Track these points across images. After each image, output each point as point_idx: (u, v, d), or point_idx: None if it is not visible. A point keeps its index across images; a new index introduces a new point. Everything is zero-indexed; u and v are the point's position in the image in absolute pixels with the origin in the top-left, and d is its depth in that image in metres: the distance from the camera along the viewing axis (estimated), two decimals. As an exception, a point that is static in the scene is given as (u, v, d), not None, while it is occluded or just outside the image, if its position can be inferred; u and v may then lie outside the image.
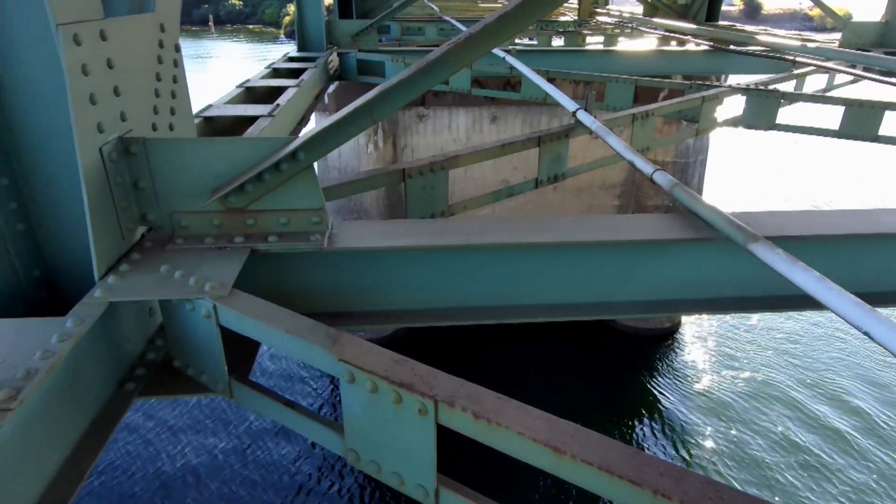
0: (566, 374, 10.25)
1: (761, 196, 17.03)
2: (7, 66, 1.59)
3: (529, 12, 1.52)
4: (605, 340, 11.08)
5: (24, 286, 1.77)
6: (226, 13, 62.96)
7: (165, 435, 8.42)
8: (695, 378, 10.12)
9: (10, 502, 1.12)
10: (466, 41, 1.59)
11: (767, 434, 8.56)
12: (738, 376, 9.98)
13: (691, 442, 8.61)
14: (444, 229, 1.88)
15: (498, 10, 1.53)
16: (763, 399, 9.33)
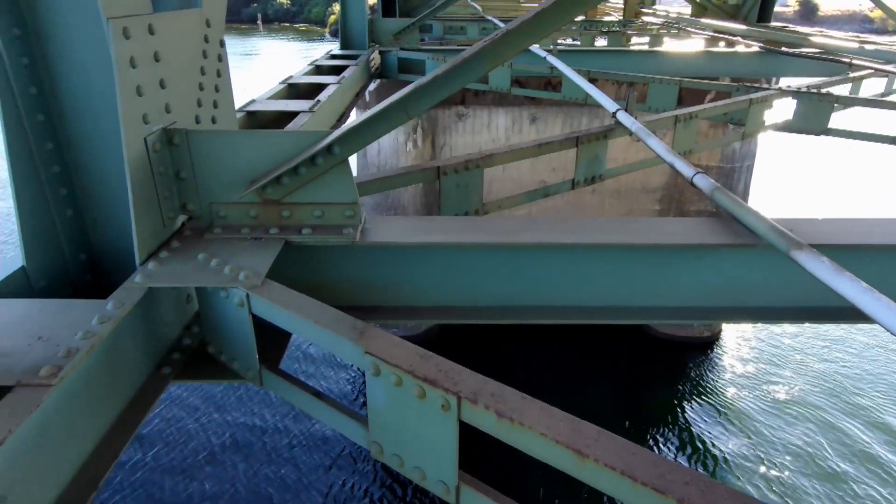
0: (597, 378, 10.09)
1: (811, 204, 16.39)
2: (61, 59, 1.66)
3: (566, 10, 1.50)
4: (641, 346, 10.85)
5: (71, 269, 1.85)
6: (274, 12, 64.40)
7: (190, 413, 8.69)
8: (733, 391, 9.81)
9: (48, 475, 1.17)
10: (503, 38, 1.58)
11: (808, 458, 8.21)
12: (780, 392, 9.62)
13: (723, 458, 8.34)
14: (476, 227, 1.88)
15: (535, 8, 1.51)
16: (805, 419, 8.95)
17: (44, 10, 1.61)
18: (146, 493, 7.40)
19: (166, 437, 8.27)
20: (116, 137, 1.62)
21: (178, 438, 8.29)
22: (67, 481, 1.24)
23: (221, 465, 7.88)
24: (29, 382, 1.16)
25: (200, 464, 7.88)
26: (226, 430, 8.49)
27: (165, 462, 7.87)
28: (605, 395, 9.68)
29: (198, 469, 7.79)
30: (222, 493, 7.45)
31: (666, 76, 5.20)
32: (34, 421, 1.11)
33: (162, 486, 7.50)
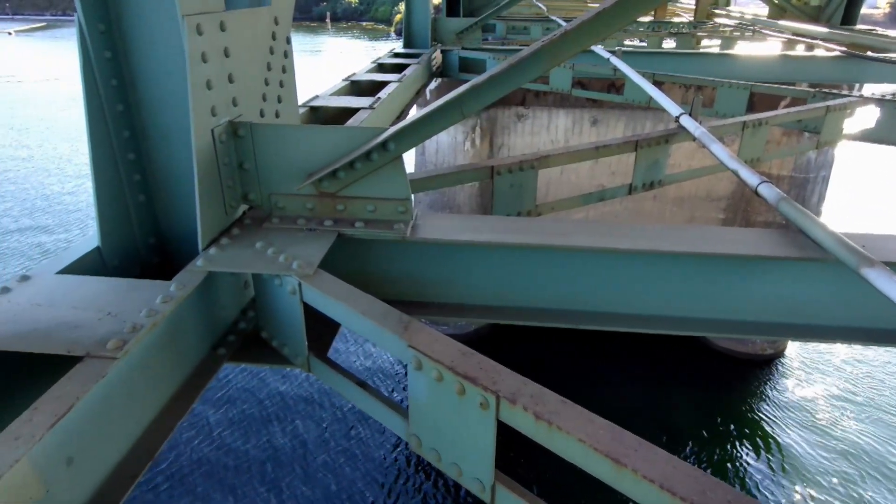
0: (646, 388, 9.78)
1: (891, 220, 15.30)
2: (140, 53, 1.77)
3: (628, 11, 1.47)
4: (697, 359, 10.45)
5: (140, 251, 1.97)
6: (342, 10, 65.95)
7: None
8: (795, 413, 9.27)
9: (109, 442, 1.26)
10: (562, 38, 1.57)
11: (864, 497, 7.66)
12: (847, 420, 9.02)
13: (772, 483, 7.91)
14: (527, 228, 1.87)
15: (596, 8, 1.49)
16: (868, 454, 8.34)
17: (127, 7, 1.72)
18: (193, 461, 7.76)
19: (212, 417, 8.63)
20: (186, 128, 1.72)
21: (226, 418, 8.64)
22: (127, 449, 1.32)
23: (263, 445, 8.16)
24: (97, 354, 1.24)
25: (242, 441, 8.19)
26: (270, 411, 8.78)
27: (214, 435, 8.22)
28: (653, 406, 9.38)
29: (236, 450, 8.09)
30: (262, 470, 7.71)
31: (736, 80, 4.99)
32: (100, 390, 1.19)
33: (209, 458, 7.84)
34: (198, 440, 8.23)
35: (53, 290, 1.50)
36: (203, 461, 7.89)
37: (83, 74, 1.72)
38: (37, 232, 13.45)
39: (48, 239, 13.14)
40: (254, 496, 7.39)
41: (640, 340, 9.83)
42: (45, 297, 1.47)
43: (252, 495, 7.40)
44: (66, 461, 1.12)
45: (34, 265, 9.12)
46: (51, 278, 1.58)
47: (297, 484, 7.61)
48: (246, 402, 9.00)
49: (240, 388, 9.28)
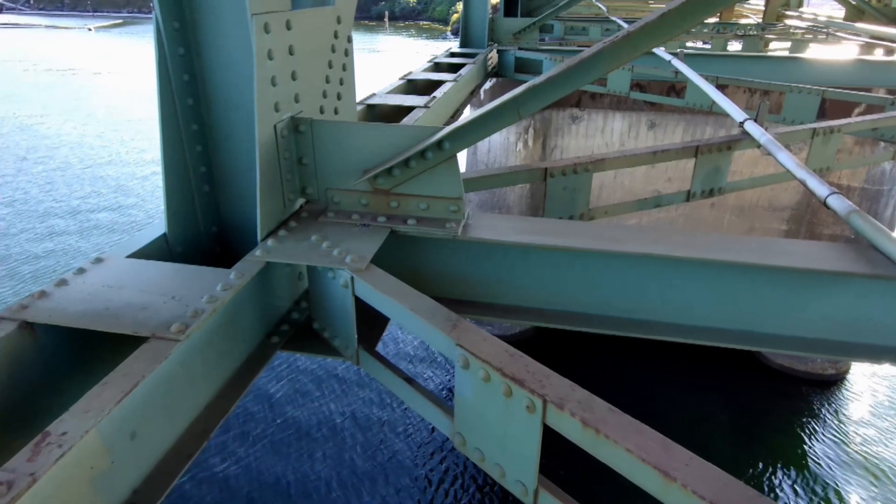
0: (696, 402, 9.45)
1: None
2: (210, 50, 1.85)
3: (694, 13, 1.43)
4: (751, 375, 10.03)
5: (203, 240, 2.06)
6: (400, 9, 66.73)
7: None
8: (857, 439, 8.76)
9: (169, 420, 1.32)
10: (623, 40, 1.54)
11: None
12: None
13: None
14: (580, 231, 1.84)
15: (660, 9, 1.45)
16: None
17: (200, 6, 1.80)
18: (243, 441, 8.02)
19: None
20: (250, 123, 1.78)
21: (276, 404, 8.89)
22: (184, 427, 1.39)
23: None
24: (161, 336, 1.31)
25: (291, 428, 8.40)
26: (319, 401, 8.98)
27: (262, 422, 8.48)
28: (703, 420, 9.06)
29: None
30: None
31: (807, 85, 4.76)
32: (162, 370, 1.26)
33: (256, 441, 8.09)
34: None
35: (123, 273, 1.59)
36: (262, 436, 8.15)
37: (158, 69, 1.82)
38: (112, 215, 14.21)
39: (123, 222, 13.87)
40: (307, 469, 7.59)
41: (692, 352, 9.51)
42: (116, 279, 1.56)
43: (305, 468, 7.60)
44: (130, 435, 1.18)
45: (109, 246, 9.60)
46: (121, 261, 1.67)
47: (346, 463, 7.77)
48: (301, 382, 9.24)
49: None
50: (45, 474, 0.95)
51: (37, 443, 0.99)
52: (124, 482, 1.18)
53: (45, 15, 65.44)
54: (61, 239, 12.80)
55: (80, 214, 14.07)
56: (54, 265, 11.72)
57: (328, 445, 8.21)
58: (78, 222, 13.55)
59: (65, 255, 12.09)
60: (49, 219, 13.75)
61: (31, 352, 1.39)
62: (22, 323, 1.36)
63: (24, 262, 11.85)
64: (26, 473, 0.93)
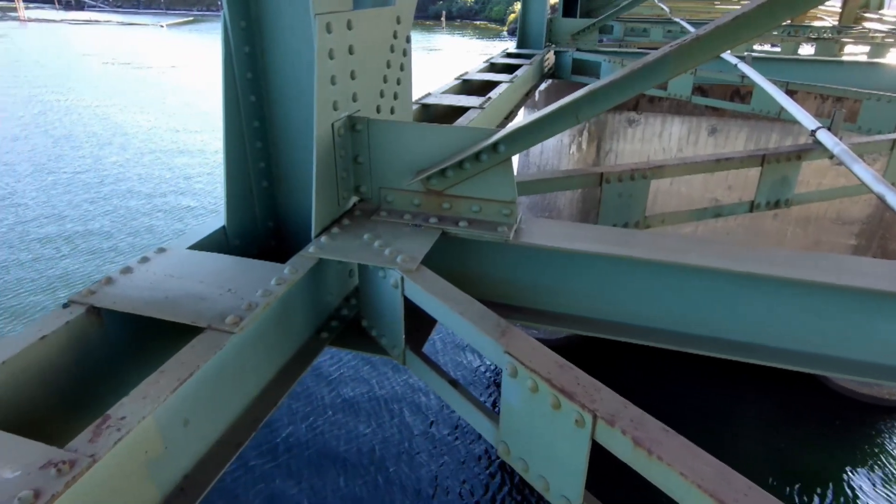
0: (752, 424, 9.03)
1: None
2: (274, 49, 1.89)
3: (770, 16, 1.35)
4: (810, 397, 9.51)
5: (260, 233, 2.11)
6: (457, 9, 66.89)
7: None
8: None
9: (220, 409, 1.36)
10: (691, 44, 1.48)
11: None
12: None
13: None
14: (635, 240, 1.79)
15: (733, 12, 1.38)
16: None
17: (266, 6, 1.85)
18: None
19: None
20: (309, 121, 1.81)
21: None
22: (234, 417, 1.42)
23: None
24: (217, 327, 1.34)
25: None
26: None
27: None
28: (758, 444, 8.64)
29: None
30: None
31: (887, 92, 4.47)
32: (217, 360, 1.29)
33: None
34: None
35: (184, 264, 1.65)
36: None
37: (224, 67, 1.87)
38: (180, 204, 14.85)
39: (188, 211, 14.49)
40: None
41: (749, 371, 9.12)
42: (177, 269, 1.62)
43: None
44: (184, 422, 1.22)
45: (174, 233, 10.02)
46: (182, 252, 1.73)
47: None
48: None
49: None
50: (105, 456, 0.98)
51: (98, 425, 1.03)
52: (176, 467, 1.22)
53: (123, 12, 69.10)
54: (133, 223, 13.47)
55: (154, 199, 14.77)
56: (125, 247, 12.35)
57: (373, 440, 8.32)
58: (148, 210, 14.22)
59: (135, 239, 12.73)
60: (124, 203, 14.51)
61: (97, 335, 1.46)
62: (89, 307, 1.43)
63: (101, 240, 12.56)
64: (87, 454, 0.97)
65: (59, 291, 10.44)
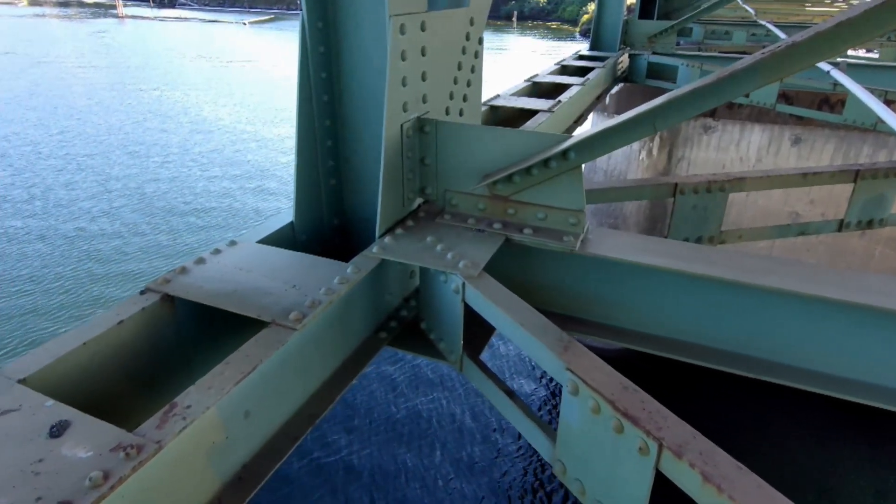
0: (834, 462, 8.36)
1: None
2: (348, 49, 1.91)
3: (879, 22, 1.23)
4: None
5: (326, 231, 2.15)
6: (529, 9, 66.27)
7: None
8: None
9: (280, 403, 1.38)
10: (787, 51, 1.37)
11: None
12: None
13: None
14: (710, 257, 1.69)
15: (837, 16, 1.27)
16: None
17: (343, 7, 1.87)
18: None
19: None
20: (379, 122, 1.82)
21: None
22: (292, 412, 1.44)
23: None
24: (280, 323, 1.37)
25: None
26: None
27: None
28: (842, 487, 7.98)
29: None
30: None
31: None
32: (279, 356, 1.32)
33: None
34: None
35: (253, 258, 1.69)
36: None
37: (300, 65, 1.91)
38: (256, 197, 15.51)
39: (263, 203, 15.12)
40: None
41: (827, 403, 8.41)
42: (246, 262, 1.67)
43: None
44: (245, 414, 1.25)
45: (250, 225, 10.46)
46: (252, 246, 1.78)
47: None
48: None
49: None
50: (170, 443, 1.02)
51: (165, 412, 1.07)
52: (236, 457, 1.25)
53: (209, 10, 72.83)
54: (213, 215, 14.19)
55: (232, 190, 15.50)
56: (205, 238, 13.03)
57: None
58: (227, 202, 14.93)
59: (216, 229, 13.41)
60: (206, 191, 15.31)
61: (170, 322, 1.52)
62: (164, 295, 1.49)
63: (183, 230, 13.30)
64: (154, 440, 1.01)
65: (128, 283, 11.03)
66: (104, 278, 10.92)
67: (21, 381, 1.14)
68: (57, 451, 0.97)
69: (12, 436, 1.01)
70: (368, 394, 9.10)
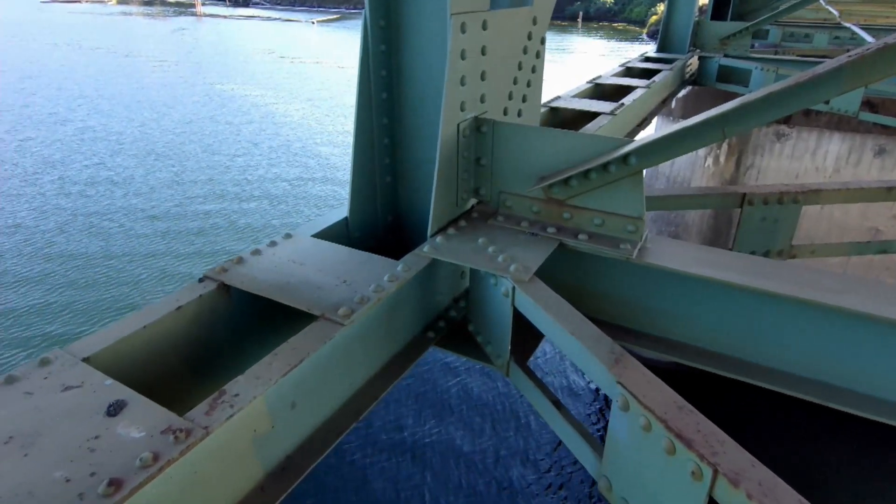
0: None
1: None
2: (408, 48, 1.92)
3: None
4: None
5: (379, 227, 2.16)
6: (595, 10, 64.95)
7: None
8: None
9: (325, 396, 1.39)
10: (877, 54, 1.27)
11: None
12: None
13: None
14: (779, 273, 1.59)
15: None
16: None
17: (404, 6, 1.87)
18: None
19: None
20: (435, 121, 1.82)
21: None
22: (337, 406, 1.46)
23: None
24: (329, 317, 1.38)
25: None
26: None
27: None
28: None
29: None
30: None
31: None
32: (326, 350, 1.33)
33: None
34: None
35: (307, 251, 1.72)
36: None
37: (360, 64, 1.93)
38: (319, 191, 15.95)
39: (326, 197, 15.55)
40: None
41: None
42: (300, 255, 1.70)
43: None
44: (291, 405, 1.27)
45: (309, 219, 10.69)
46: (307, 240, 1.81)
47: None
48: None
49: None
50: (217, 429, 1.04)
51: (214, 399, 1.10)
52: (280, 447, 1.27)
53: (279, 9, 75.38)
54: (276, 208, 14.69)
55: (297, 185, 16.01)
56: (267, 228, 13.53)
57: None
58: (290, 196, 15.42)
59: (277, 220, 13.90)
60: (271, 186, 15.88)
61: (225, 310, 1.57)
62: (221, 284, 1.54)
63: (247, 220, 13.87)
64: (202, 426, 1.03)
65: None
66: (181, 256, 11.59)
67: (85, 360, 1.20)
68: (112, 430, 1.01)
69: (74, 411, 1.06)
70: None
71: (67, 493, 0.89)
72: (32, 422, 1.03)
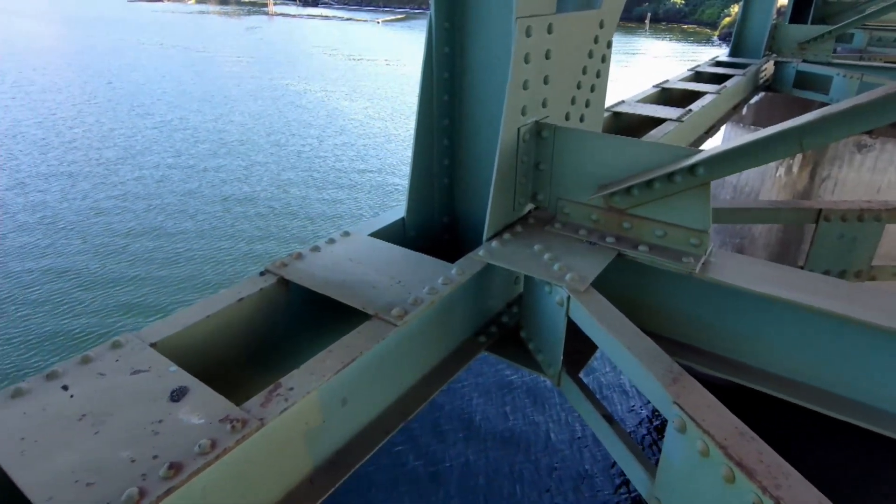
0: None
1: None
2: (471, 50, 1.91)
3: None
4: None
5: (435, 228, 2.17)
6: (664, 11, 62.98)
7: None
8: None
9: (375, 395, 1.41)
10: (985, 66, 1.16)
11: None
12: None
13: None
14: (857, 296, 1.49)
15: None
16: None
17: (470, 8, 1.87)
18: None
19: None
20: (496, 124, 1.80)
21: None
22: (386, 405, 1.47)
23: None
24: (382, 317, 1.40)
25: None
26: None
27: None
28: None
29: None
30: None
31: None
32: (378, 349, 1.35)
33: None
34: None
35: (363, 250, 1.75)
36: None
37: (424, 65, 1.94)
38: (380, 188, 16.27)
39: (385, 198, 15.85)
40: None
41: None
42: (357, 254, 1.73)
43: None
44: (342, 401, 1.29)
45: (368, 216, 10.95)
46: (364, 238, 1.84)
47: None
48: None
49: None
50: (271, 421, 1.07)
51: (270, 391, 1.13)
52: (330, 442, 1.30)
53: (347, 9, 77.15)
54: (337, 205, 15.09)
55: (361, 182, 16.40)
56: (333, 222, 13.93)
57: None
58: (352, 193, 15.79)
59: (341, 217, 14.29)
60: (334, 183, 16.33)
61: (283, 304, 1.62)
62: (280, 278, 1.58)
63: (309, 216, 14.31)
64: (257, 417, 1.06)
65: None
66: (245, 255, 12.15)
67: (152, 345, 1.26)
68: (175, 415, 1.06)
69: (141, 395, 1.11)
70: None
71: (131, 473, 0.94)
72: (103, 401, 1.09)
